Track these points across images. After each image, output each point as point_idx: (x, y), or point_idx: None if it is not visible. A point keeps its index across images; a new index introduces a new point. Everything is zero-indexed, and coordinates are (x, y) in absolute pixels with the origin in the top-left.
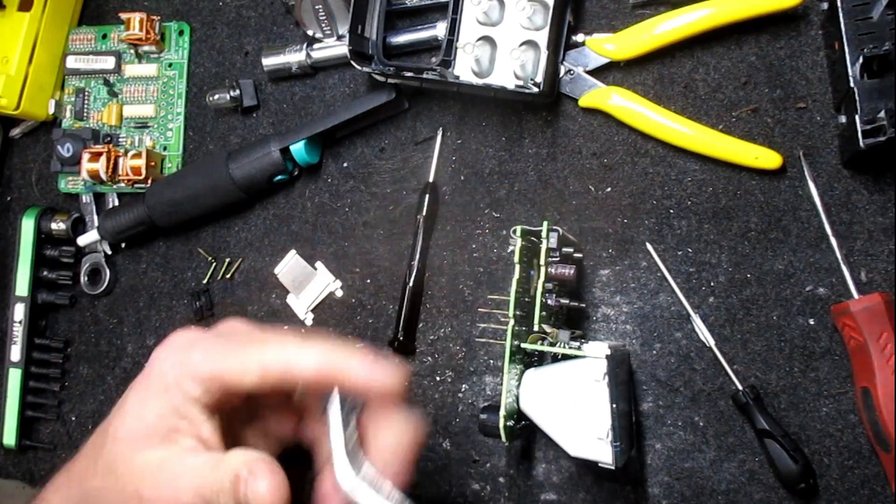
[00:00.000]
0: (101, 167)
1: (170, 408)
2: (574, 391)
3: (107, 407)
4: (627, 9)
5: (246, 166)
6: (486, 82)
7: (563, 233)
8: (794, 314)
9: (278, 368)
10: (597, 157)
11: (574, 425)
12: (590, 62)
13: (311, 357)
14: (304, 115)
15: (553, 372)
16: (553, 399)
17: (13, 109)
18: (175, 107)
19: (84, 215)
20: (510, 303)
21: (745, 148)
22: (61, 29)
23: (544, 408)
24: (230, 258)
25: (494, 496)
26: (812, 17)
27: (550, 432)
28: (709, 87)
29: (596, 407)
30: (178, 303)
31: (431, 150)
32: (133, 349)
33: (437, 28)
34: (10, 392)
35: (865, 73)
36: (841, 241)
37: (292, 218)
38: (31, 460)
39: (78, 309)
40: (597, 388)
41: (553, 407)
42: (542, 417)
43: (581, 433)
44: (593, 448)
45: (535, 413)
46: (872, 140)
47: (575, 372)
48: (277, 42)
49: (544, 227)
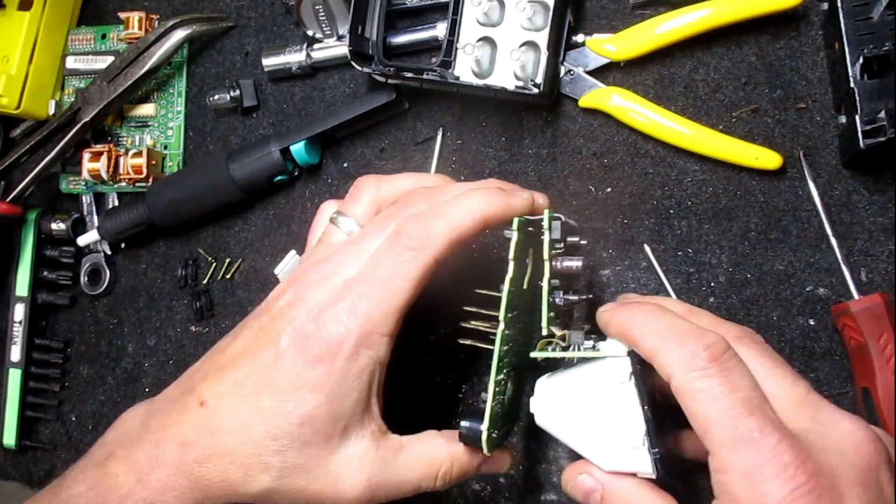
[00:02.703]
0: (102, 166)
1: (366, 394)
2: (597, 398)
3: (107, 407)
4: (627, 9)
5: (246, 166)
6: (486, 83)
7: (565, 220)
8: (794, 314)
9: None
10: (597, 158)
11: (603, 436)
12: (590, 62)
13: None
14: (304, 116)
15: (569, 378)
16: (574, 409)
17: (14, 109)
18: (175, 105)
19: (84, 215)
20: (502, 304)
21: (745, 148)
22: (61, 29)
23: (565, 420)
24: (230, 258)
25: (494, 496)
26: (812, 17)
27: (576, 447)
28: (709, 87)
29: (625, 412)
30: (178, 303)
31: (431, 151)
32: (133, 349)
33: (437, 28)
34: (10, 392)
35: (865, 74)
36: (841, 241)
37: (292, 218)
38: (30, 461)
39: (78, 309)
40: (623, 391)
41: (575, 418)
42: (564, 431)
43: (612, 444)
44: (629, 459)
45: (555, 427)
46: (872, 140)
47: (595, 375)
48: (277, 42)
49: (546, 215)
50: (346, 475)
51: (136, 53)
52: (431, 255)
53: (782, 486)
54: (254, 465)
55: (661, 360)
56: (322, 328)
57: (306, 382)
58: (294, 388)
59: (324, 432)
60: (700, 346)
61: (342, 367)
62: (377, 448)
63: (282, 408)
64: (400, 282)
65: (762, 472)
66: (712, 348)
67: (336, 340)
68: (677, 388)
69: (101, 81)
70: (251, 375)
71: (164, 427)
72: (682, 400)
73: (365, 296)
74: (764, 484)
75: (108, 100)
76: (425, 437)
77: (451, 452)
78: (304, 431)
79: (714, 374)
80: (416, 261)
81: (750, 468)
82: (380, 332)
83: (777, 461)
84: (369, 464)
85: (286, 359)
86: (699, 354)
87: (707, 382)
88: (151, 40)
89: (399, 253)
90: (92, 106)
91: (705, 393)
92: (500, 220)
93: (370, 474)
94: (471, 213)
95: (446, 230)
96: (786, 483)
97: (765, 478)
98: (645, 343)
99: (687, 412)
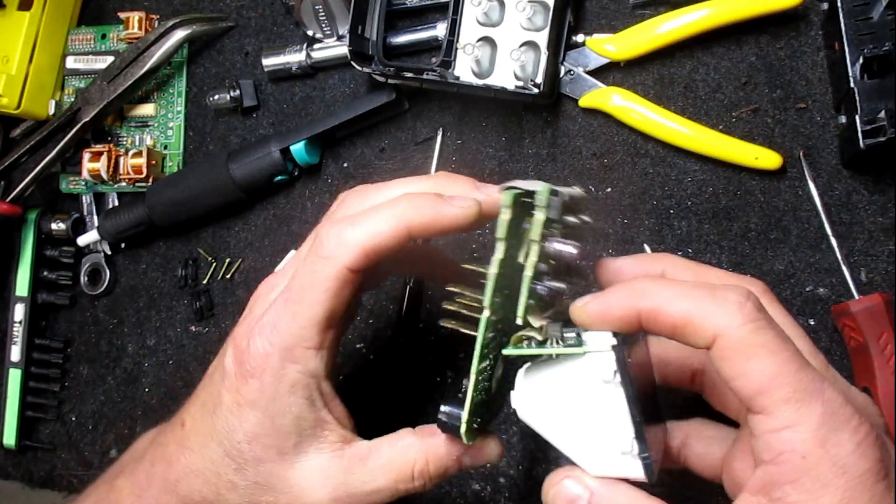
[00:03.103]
0: (102, 166)
1: (307, 407)
2: (581, 397)
3: (107, 407)
4: (627, 9)
5: (246, 166)
6: (486, 83)
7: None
8: (794, 314)
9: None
10: (597, 158)
11: (589, 439)
12: (590, 62)
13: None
14: (304, 116)
15: (551, 375)
16: (557, 409)
17: (14, 109)
18: (175, 105)
19: (84, 215)
20: (488, 288)
21: (745, 148)
22: (61, 29)
23: (548, 419)
24: (230, 258)
25: (495, 496)
26: (812, 17)
27: (562, 448)
28: (709, 87)
29: (611, 414)
30: (179, 303)
31: (431, 151)
32: (133, 349)
33: (437, 28)
34: (10, 392)
35: (865, 74)
36: (841, 241)
37: (292, 218)
38: (30, 461)
39: (78, 309)
40: (608, 391)
41: (559, 418)
42: (548, 430)
43: (599, 448)
44: (618, 464)
45: (539, 425)
46: (872, 140)
47: (577, 373)
48: (277, 42)
49: (542, 190)
50: (310, 489)
51: (136, 53)
52: (343, 264)
53: (852, 436)
54: (222, 484)
55: (700, 322)
56: (251, 343)
57: (244, 399)
58: (237, 405)
59: (275, 448)
60: (743, 298)
61: (271, 384)
62: (340, 458)
63: (231, 426)
64: (314, 293)
65: (832, 424)
66: (753, 299)
67: (262, 355)
68: (727, 349)
69: (101, 81)
70: (210, 395)
71: (160, 446)
72: (733, 361)
73: (284, 308)
74: (836, 435)
75: (108, 100)
76: (396, 437)
77: (425, 449)
78: (254, 449)
79: (766, 325)
80: (325, 270)
81: (819, 420)
82: (303, 346)
83: (844, 411)
84: (333, 476)
85: (229, 376)
86: (746, 306)
87: (763, 335)
88: (151, 40)
89: (312, 262)
90: (92, 106)
91: (763, 347)
92: (429, 232)
93: (335, 485)
94: (389, 222)
95: (359, 240)
96: (854, 433)
97: (836, 429)
98: (672, 309)
99: (735, 375)
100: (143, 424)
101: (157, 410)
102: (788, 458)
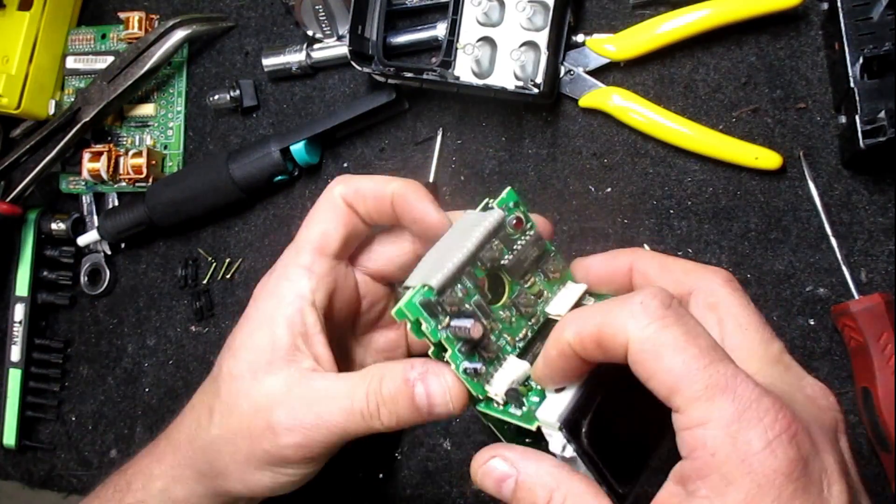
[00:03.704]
0: (102, 166)
1: (286, 325)
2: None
3: (107, 407)
4: (627, 9)
5: (246, 166)
6: (486, 83)
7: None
8: (794, 314)
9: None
10: (597, 158)
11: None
12: (590, 62)
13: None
14: (304, 116)
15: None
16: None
17: (14, 109)
18: (175, 105)
19: (84, 215)
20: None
21: (745, 148)
22: (61, 29)
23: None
24: (230, 258)
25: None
26: (812, 17)
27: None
28: (709, 87)
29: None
30: (179, 303)
31: (431, 151)
32: (133, 349)
33: (437, 28)
34: (10, 392)
35: (865, 74)
36: (841, 241)
37: (292, 218)
38: (30, 461)
39: (78, 309)
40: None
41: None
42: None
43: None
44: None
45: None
46: (872, 140)
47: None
48: (277, 42)
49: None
50: (267, 409)
51: (136, 53)
52: (339, 193)
53: (764, 434)
54: (204, 415)
55: (612, 332)
56: (262, 278)
57: (244, 318)
58: (239, 326)
59: (248, 363)
60: (647, 297)
61: (264, 298)
62: (303, 383)
63: (227, 344)
64: (310, 221)
65: (742, 420)
66: (660, 296)
67: (265, 278)
68: (637, 352)
69: (101, 81)
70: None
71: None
72: (644, 363)
73: (289, 245)
74: (745, 432)
75: (108, 100)
76: (355, 372)
77: (368, 380)
78: (233, 366)
79: (672, 322)
80: (322, 201)
81: (729, 417)
82: (294, 265)
83: (757, 407)
84: (294, 398)
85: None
86: (649, 304)
87: (668, 333)
88: (151, 40)
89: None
90: (92, 106)
91: (668, 345)
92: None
93: (292, 408)
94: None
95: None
96: (767, 430)
97: (745, 426)
98: (588, 329)
99: (649, 376)
100: (143, 424)
101: (157, 410)
102: (700, 455)
